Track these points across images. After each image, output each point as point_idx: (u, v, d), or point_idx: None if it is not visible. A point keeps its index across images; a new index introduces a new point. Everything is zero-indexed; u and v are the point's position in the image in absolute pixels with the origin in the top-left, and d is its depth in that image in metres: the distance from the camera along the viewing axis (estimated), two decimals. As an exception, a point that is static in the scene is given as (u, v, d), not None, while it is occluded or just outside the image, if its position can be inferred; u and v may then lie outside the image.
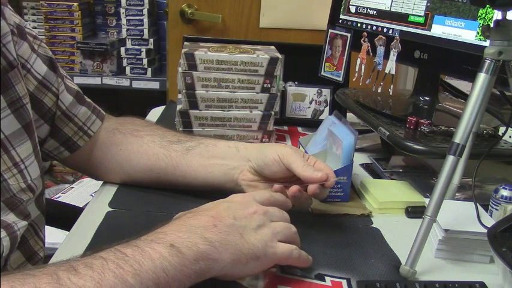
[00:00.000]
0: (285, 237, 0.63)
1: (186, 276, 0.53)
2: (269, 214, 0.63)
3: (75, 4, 2.28)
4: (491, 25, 0.66)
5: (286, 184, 0.72)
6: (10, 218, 0.66)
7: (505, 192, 0.74)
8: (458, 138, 0.64)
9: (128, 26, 2.26)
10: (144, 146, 0.82)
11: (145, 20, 2.24)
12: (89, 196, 1.87)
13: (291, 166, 0.73)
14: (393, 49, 0.94)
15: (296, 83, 1.21)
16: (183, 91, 0.99)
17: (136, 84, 2.30)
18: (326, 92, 1.20)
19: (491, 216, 0.74)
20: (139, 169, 0.82)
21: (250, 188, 0.77)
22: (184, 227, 0.56)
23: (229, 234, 0.57)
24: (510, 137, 0.85)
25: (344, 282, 0.63)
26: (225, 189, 0.78)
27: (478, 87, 0.65)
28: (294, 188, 0.71)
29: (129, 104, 2.54)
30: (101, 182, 0.87)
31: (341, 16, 1.12)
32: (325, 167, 0.73)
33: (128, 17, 2.24)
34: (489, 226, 0.65)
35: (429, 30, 0.92)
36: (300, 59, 1.20)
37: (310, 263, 0.64)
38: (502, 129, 0.85)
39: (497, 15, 0.71)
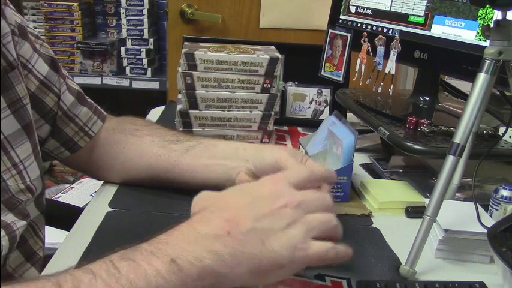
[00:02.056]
0: (322, 232, 0.54)
1: None
2: (304, 205, 0.53)
3: (75, 4, 2.28)
4: (491, 25, 0.66)
5: None
6: (9, 217, 0.66)
7: (505, 192, 0.74)
8: (458, 138, 0.64)
9: (128, 26, 2.26)
10: (144, 145, 0.82)
11: (145, 20, 2.24)
12: (89, 196, 1.88)
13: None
14: (393, 49, 0.94)
15: (296, 83, 1.21)
16: (183, 91, 0.99)
17: (136, 84, 2.30)
18: (326, 92, 1.20)
19: (491, 216, 0.74)
20: (140, 168, 0.82)
21: None
22: (192, 236, 0.50)
23: (246, 242, 0.50)
24: (510, 137, 0.85)
25: (344, 282, 0.63)
26: (224, 189, 0.78)
27: (478, 87, 0.65)
28: None
29: (129, 104, 2.54)
30: (101, 182, 0.87)
31: (341, 16, 1.12)
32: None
33: (128, 17, 2.25)
34: (489, 226, 0.65)
35: (429, 30, 0.92)
36: (300, 59, 1.19)
37: (350, 256, 0.56)
38: (502, 129, 0.85)
39: (497, 15, 0.71)
